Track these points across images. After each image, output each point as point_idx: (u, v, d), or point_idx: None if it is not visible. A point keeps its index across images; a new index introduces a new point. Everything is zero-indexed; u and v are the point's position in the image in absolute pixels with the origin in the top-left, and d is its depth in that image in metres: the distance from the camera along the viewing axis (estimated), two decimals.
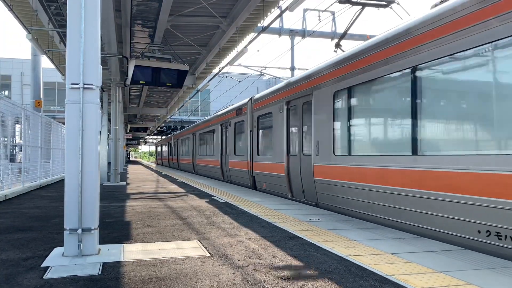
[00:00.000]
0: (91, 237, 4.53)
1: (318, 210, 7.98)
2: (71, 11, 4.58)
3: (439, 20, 5.43)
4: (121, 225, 6.49)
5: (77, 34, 4.57)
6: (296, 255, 4.54)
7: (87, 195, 4.54)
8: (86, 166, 4.55)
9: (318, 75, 8.69)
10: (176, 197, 10.60)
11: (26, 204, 9.13)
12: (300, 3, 8.68)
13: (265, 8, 11.26)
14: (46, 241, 5.26)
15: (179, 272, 3.89)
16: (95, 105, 4.63)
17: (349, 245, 5.01)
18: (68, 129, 4.55)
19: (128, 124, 41.81)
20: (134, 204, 9.21)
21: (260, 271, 3.93)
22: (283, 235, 5.62)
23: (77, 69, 4.56)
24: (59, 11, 12.26)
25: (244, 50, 12.85)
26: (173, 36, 13.90)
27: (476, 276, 3.73)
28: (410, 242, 5.13)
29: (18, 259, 4.35)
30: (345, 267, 4.05)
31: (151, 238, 5.48)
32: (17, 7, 11.74)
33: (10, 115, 11.41)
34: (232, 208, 8.38)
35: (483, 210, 4.69)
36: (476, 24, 4.85)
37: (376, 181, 6.61)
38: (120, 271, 3.93)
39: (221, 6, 11.70)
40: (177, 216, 7.36)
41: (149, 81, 12.34)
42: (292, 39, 19.33)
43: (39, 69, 20.37)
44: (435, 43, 5.48)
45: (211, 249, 4.82)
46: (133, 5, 11.02)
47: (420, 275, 3.78)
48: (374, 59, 6.73)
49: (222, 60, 16.85)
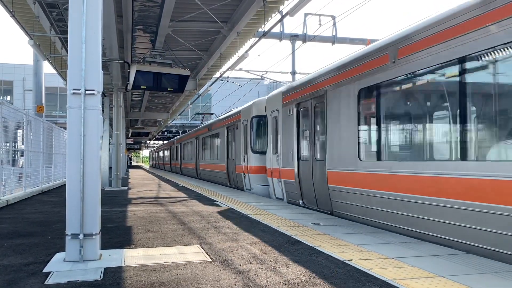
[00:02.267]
0: (92, 242, 4.53)
1: (319, 215, 7.95)
2: (73, 17, 4.61)
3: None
4: (122, 230, 6.49)
5: (78, 40, 4.60)
6: (298, 259, 4.54)
7: (89, 200, 4.55)
8: (87, 171, 4.56)
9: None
10: (178, 202, 10.60)
11: (27, 210, 9.14)
12: (301, 8, 8.72)
13: (266, 13, 11.30)
14: (47, 246, 5.26)
15: (181, 277, 3.88)
16: (96, 111, 4.64)
17: (350, 249, 5.01)
18: (70, 134, 4.57)
19: (130, 129, 41.88)
20: (135, 209, 9.22)
21: (262, 276, 3.93)
22: (284, 240, 5.61)
23: (78, 74, 4.58)
24: (61, 17, 12.33)
25: (245, 55, 12.89)
26: (174, 41, 13.95)
27: (478, 281, 3.72)
28: (412, 247, 5.12)
29: (19, 264, 4.36)
30: (346, 272, 4.04)
31: (153, 243, 5.48)
32: (19, 13, 11.80)
33: (12, 120, 11.44)
34: (233, 213, 8.37)
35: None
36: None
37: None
38: (121, 276, 3.93)
39: (222, 11, 11.74)
40: (178, 221, 7.36)
41: (151, 86, 12.38)
42: (293, 44, 19.36)
43: (41, 74, 20.42)
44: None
45: (212, 254, 4.81)
46: (134, 10, 11.07)
47: (422, 279, 3.77)
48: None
49: (223, 65, 16.88)
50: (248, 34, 13.32)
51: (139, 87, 12.46)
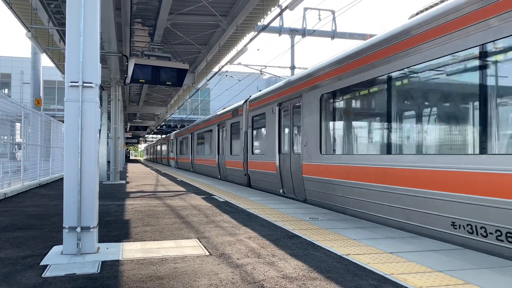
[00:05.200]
0: (90, 236, 4.53)
1: (317, 209, 7.98)
2: (71, 9, 4.57)
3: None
4: (120, 223, 6.48)
5: (76, 33, 4.56)
6: (295, 254, 4.54)
7: (86, 193, 4.54)
8: (85, 164, 4.54)
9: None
10: (176, 196, 10.59)
11: (25, 203, 9.13)
12: (300, 1, 8.67)
13: (265, 7, 11.25)
14: (45, 239, 5.26)
15: (178, 271, 3.88)
16: (94, 104, 4.62)
17: (348, 244, 5.01)
18: (67, 127, 4.55)
19: (128, 123, 41.80)
20: (133, 202, 9.21)
21: (259, 270, 3.93)
22: (282, 234, 5.62)
23: (76, 67, 4.55)
24: (59, 9, 12.24)
25: (244, 49, 12.83)
26: (173, 35, 13.88)
27: (475, 276, 3.73)
28: (410, 241, 5.13)
29: (17, 257, 4.35)
30: (344, 266, 4.05)
31: (150, 236, 5.48)
32: (17, 5, 11.72)
33: (10, 113, 11.39)
34: (231, 207, 8.38)
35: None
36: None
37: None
38: (119, 269, 3.92)
39: (221, 5, 11.68)
40: (176, 215, 7.36)
41: (149, 79, 12.33)
42: (292, 38, 19.28)
43: (39, 67, 20.33)
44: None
45: (210, 248, 4.81)
46: (133, 3, 11.00)
47: (419, 274, 3.78)
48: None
49: (222, 59, 16.82)
50: (247, 28, 13.25)
51: (138, 81, 12.41)
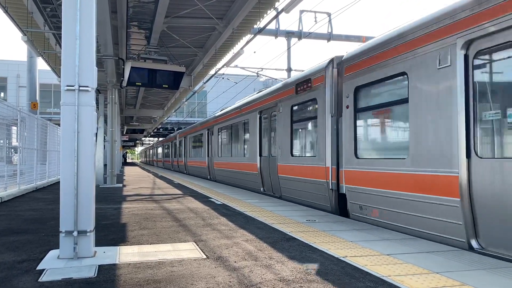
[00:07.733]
0: (86, 240, 4.51)
1: (315, 211, 7.99)
2: (66, 13, 4.57)
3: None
4: (117, 227, 6.47)
5: (72, 36, 4.56)
6: (293, 256, 4.54)
7: (83, 197, 4.53)
8: (81, 168, 4.53)
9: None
10: (173, 199, 10.58)
11: (21, 207, 9.09)
12: (296, 4, 8.69)
13: (261, 10, 11.27)
14: (41, 243, 5.24)
15: (175, 274, 3.88)
16: (90, 107, 4.61)
17: (345, 246, 5.02)
18: (64, 131, 4.54)
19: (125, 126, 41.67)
20: (130, 206, 9.19)
21: (256, 273, 3.93)
22: (279, 237, 5.62)
23: (72, 71, 4.54)
24: (55, 13, 12.22)
25: (240, 52, 12.85)
26: (169, 38, 13.88)
27: (472, 277, 3.75)
28: (406, 243, 5.14)
29: (13, 262, 4.33)
30: (341, 268, 4.05)
31: (147, 240, 5.47)
32: (12, 9, 11.69)
33: (6, 117, 11.35)
34: (228, 210, 8.37)
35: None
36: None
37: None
38: (115, 273, 3.91)
39: (217, 8, 11.69)
40: (173, 218, 7.35)
41: (146, 82, 12.32)
42: (289, 41, 19.32)
43: (35, 71, 20.28)
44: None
45: (207, 251, 4.81)
46: (129, 6, 10.99)
47: (416, 276, 3.79)
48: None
49: (219, 62, 16.83)
50: (244, 31, 13.27)
51: (134, 84, 12.40)
